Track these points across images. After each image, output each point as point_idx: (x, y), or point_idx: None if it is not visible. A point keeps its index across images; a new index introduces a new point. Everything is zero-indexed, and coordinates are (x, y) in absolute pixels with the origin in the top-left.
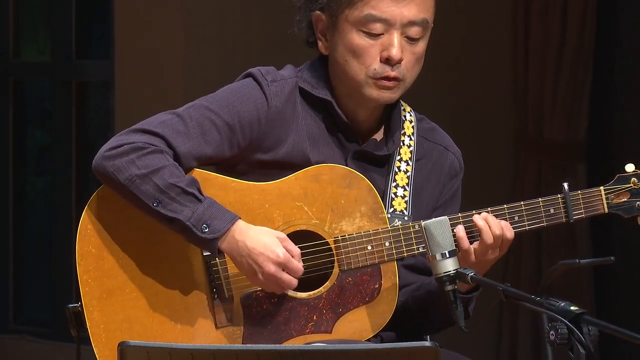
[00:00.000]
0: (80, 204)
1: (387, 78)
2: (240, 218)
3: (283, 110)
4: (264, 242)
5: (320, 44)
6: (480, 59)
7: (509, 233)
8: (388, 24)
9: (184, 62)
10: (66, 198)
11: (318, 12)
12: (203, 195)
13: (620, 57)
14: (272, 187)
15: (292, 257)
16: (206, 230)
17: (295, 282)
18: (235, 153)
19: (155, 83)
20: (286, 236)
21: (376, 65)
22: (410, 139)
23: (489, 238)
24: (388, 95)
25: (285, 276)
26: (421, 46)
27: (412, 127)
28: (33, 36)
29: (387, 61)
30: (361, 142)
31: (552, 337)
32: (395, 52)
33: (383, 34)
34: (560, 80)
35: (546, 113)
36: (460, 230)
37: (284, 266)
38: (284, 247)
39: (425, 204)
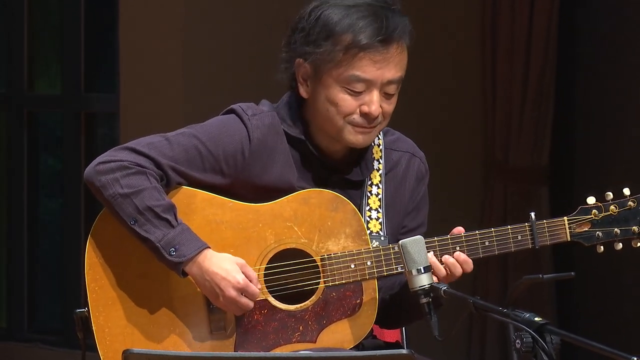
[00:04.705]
0: (88, 224)
1: (365, 127)
2: (209, 247)
3: (264, 141)
4: (225, 268)
5: (301, 88)
6: (451, 93)
7: (468, 268)
8: (370, 83)
9: (182, 96)
10: (75, 218)
11: (300, 59)
12: (177, 221)
13: (579, 90)
14: (266, 208)
15: (251, 281)
16: (173, 253)
17: (252, 304)
18: (224, 179)
19: (156, 114)
20: (245, 262)
21: (355, 116)
22: (379, 162)
23: (440, 273)
24: (365, 139)
25: (244, 300)
26: (395, 98)
27: (380, 150)
28: (45, 71)
29: (366, 115)
30: (338, 169)
31: (517, 346)
32: (374, 109)
33: (364, 91)
34: (525, 112)
35: (512, 141)
36: (430, 257)
37: (243, 291)
38: (244, 272)
39: (397, 211)
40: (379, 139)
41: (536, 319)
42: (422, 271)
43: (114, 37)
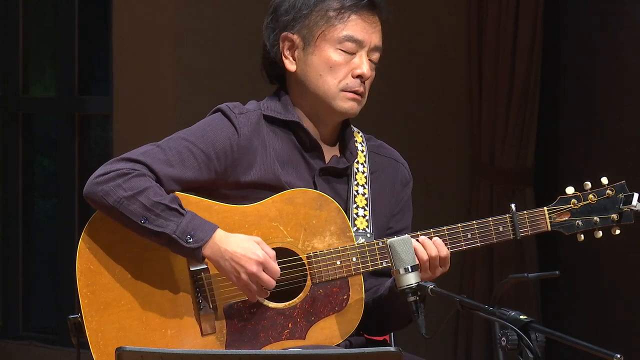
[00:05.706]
0: (82, 224)
1: (357, 92)
2: (219, 227)
3: (251, 138)
4: (244, 245)
5: (287, 62)
6: (438, 95)
7: (443, 251)
8: (361, 45)
9: (175, 98)
10: (70, 219)
11: (285, 33)
12: (184, 210)
13: (563, 96)
14: (251, 209)
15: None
16: (190, 240)
17: (273, 282)
18: (215, 178)
19: (149, 116)
20: (261, 239)
21: (348, 80)
22: (364, 167)
23: (423, 256)
24: (355, 107)
25: (265, 276)
26: (374, 72)
27: (364, 155)
28: (40, 74)
29: (359, 77)
30: (324, 159)
31: (503, 343)
32: (366, 69)
33: (355, 54)
34: (510, 113)
35: (498, 143)
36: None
37: (264, 266)
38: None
39: (383, 213)
40: (362, 145)
41: (521, 317)
42: (410, 270)
43: (107, 40)
